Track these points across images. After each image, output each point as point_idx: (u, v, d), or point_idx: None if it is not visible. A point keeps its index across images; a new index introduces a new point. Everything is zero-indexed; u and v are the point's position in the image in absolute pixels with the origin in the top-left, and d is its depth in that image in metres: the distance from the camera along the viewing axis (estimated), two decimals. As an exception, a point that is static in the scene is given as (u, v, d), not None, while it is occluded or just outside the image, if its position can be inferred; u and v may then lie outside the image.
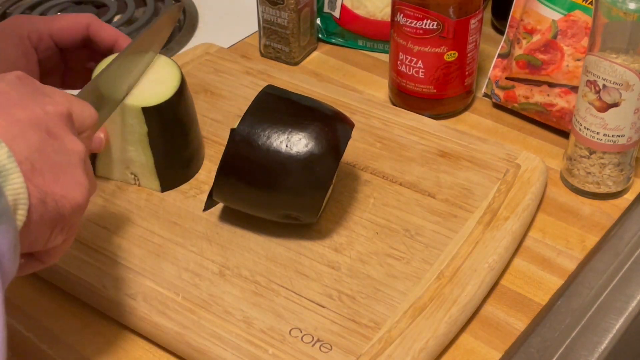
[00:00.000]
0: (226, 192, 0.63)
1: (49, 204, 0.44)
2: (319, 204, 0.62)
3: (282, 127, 0.61)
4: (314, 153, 0.60)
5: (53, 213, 0.44)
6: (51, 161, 0.45)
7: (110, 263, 0.63)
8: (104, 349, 0.59)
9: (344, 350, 0.56)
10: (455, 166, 0.72)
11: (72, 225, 0.47)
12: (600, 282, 0.65)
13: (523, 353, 0.60)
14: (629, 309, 0.63)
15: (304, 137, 0.61)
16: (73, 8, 1.04)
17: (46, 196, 0.44)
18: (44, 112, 0.46)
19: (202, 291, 0.60)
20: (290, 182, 0.61)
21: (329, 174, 0.61)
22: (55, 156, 0.45)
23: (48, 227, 0.45)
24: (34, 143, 0.44)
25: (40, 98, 0.47)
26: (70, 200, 0.46)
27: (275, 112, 0.62)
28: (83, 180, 0.47)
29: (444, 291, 0.60)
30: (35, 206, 0.43)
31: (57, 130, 0.46)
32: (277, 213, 0.63)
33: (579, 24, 0.74)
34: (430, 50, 0.77)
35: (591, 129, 0.68)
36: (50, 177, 0.44)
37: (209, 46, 0.90)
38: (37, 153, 0.44)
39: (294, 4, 0.86)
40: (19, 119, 0.44)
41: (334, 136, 0.62)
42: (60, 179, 0.45)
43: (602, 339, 0.61)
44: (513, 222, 0.65)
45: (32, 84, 0.48)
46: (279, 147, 0.60)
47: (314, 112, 0.63)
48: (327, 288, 0.61)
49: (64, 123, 0.47)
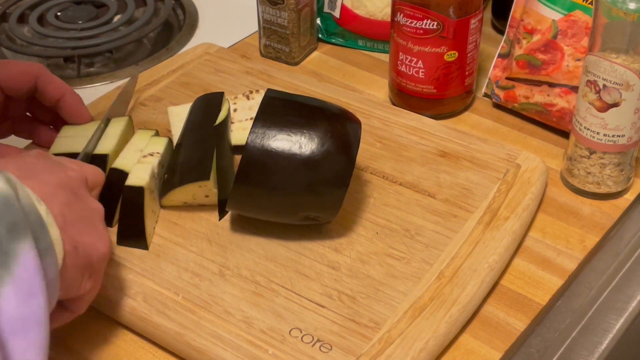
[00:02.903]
0: (243, 202, 0.62)
1: (80, 252, 0.50)
2: (339, 202, 0.62)
3: (294, 130, 0.60)
4: (330, 151, 0.60)
5: (83, 260, 0.51)
6: (79, 216, 0.51)
7: (110, 263, 0.63)
8: (104, 349, 0.59)
9: (344, 350, 0.56)
10: (455, 166, 0.72)
11: (98, 272, 0.54)
12: (600, 282, 0.65)
13: (523, 353, 0.60)
14: (629, 309, 0.63)
15: (317, 137, 0.60)
16: (73, 8, 1.04)
17: (77, 244, 0.50)
18: (67, 177, 0.53)
19: (202, 291, 0.60)
20: (311, 183, 0.60)
21: (348, 170, 0.61)
22: (81, 212, 0.52)
23: (80, 272, 0.51)
24: (63, 201, 0.51)
25: (60, 165, 0.54)
26: (97, 250, 0.52)
27: (284, 116, 0.61)
28: (105, 234, 0.54)
29: (444, 291, 0.60)
30: (69, 253, 0.49)
31: (79, 192, 0.53)
32: (296, 216, 0.62)
33: (579, 24, 0.74)
34: (430, 50, 0.77)
35: (591, 129, 0.68)
36: (79, 228, 0.51)
37: (209, 46, 0.90)
38: (67, 208, 0.50)
39: (294, 4, 0.86)
40: (49, 181, 0.51)
41: (346, 132, 0.62)
42: (87, 231, 0.52)
43: (602, 339, 0.61)
44: (513, 222, 0.65)
45: (50, 157, 0.55)
46: (295, 150, 0.60)
47: (323, 111, 0.63)
48: (327, 288, 0.61)
49: (83, 185, 0.55)
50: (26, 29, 1.02)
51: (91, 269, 0.52)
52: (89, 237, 0.52)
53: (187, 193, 0.66)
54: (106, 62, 0.96)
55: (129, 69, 0.92)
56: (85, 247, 0.51)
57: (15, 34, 0.99)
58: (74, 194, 0.52)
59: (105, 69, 0.95)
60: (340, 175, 0.61)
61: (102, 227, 0.54)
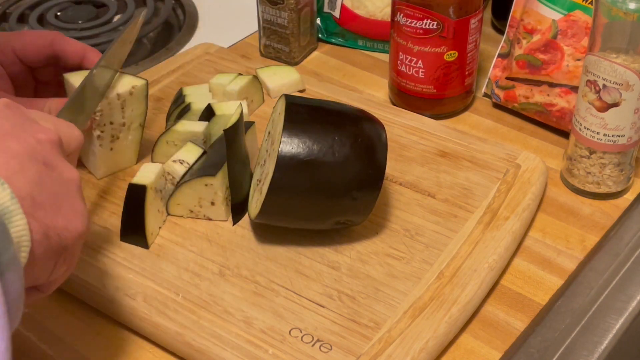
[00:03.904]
0: (275, 213, 0.61)
1: (52, 238, 0.44)
2: (372, 204, 0.62)
3: (325, 136, 0.60)
4: (362, 155, 0.60)
5: (56, 246, 0.44)
6: (51, 193, 0.45)
7: (110, 263, 0.63)
8: (104, 349, 0.59)
9: (344, 350, 0.56)
10: (455, 166, 0.72)
11: (73, 253, 0.47)
12: (600, 282, 0.65)
13: (523, 353, 0.60)
14: (629, 309, 0.63)
15: (349, 142, 0.60)
16: (73, 8, 1.04)
17: (49, 229, 0.44)
18: (37, 142, 0.45)
19: (202, 291, 0.60)
20: (347, 189, 0.60)
21: (380, 172, 0.61)
22: (54, 187, 0.45)
23: (52, 259, 0.45)
24: (33, 176, 0.43)
25: (30, 126, 0.46)
26: (72, 231, 0.46)
27: (311, 123, 0.60)
28: (82, 208, 0.47)
29: (444, 291, 0.60)
30: (39, 241, 0.43)
31: (52, 159, 0.46)
32: (329, 222, 0.62)
33: (579, 23, 0.74)
34: (430, 50, 0.77)
35: (591, 128, 0.68)
36: (51, 209, 0.44)
37: (209, 46, 0.90)
38: (37, 187, 0.43)
39: (294, 4, 0.86)
40: (16, 152, 0.43)
41: (373, 135, 0.62)
42: (61, 210, 0.45)
43: (602, 339, 0.61)
44: (513, 222, 0.65)
45: (19, 110, 0.47)
46: (328, 157, 0.59)
47: (348, 115, 0.62)
48: (327, 288, 0.61)
49: (56, 150, 0.47)
50: (26, 29, 1.02)
51: (65, 254, 0.46)
52: (62, 218, 0.45)
53: (193, 196, 0.66)
54: (106, 62, 0.96)
55: (129, 69, 0.92)
56: (58, 231, 0.44)
57: (15, 34, 0.99)
58: (46, 164, 0.45)
59: (105, 69, 0.95)
60: (373, 178, 0.61)
61: (78, 201, 0.47)
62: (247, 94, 0.78)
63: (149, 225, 0.64)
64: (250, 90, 0.79)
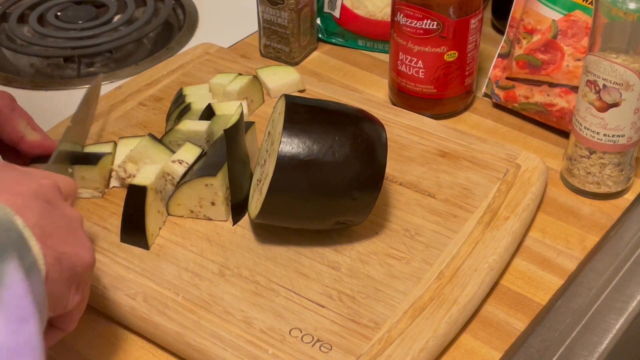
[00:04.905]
0: (275, 213, 0.61)
1: (64, 263, 0.47)
2: (372, 204, 0.62)
3: (324, 136, 0.60)
4: (362, 155, 0.60)
5: (68, 271, 0.47)
6: (57, 225, 0.48)
7: (110, 263, 0.63)
8: (104, 349, 0.59)
9: (344, 350, 0.56)
10: (455, 166, 0.72)
11: (85, 284, 0.51)
12: (600, 282, 0.65)
13: (523, 353, 0.60)
14: (629, 309, 0.63)
15: (349, 142, 0.60)
16: (73, 8, 1.04)
17: (60, 255, 0.47)
18: (39, 185, 0.49)
19: (202, 291, 0.60)
20: (347, 189, 0.60)
21: (380, 172, 0.61)
22: (59, 221, 0.48)
23: (66, 285, 0.48)
24: (38, 211, 0.47)
25: (30, 174, 0.50)
26: (81, 259, 0.49)
27: (311, 123, 0.61)
28: (87, 242, 0.51)
29: (444, 291, 0.60)
30: (52, 265, 0.45)
31: (54, 200, 0.49)
32: (329, 222, 0.62)
33: (579, 23, 0.74)
34: (430, 50, 0.77)
35: (591, 129, 0.68)
36: (59, 239, 0.47)
37: (209, 46, 0.90)
38: (43, 219, 0.46)
39: (294, 4, 0.86)
40: (20, 192, 0.47)
41: (373, 135, 0.62)
42: (68, 241, 0.48)
43: (602, 339, 0.61)
44: (513, 222, 0.65)
45: (17, 168, 0.51)
46: (328, 157, 0.59)
47: (348, 115, 0.62)
48: (327, 288, 0.61)
49: (57, 193, 0.50)
50: (26, 29, 1.02)
51: (77, 281, 0.49)
52: (70, 247, 0.48)
53: (193, 196, 0.66)
54: (106, 62, 0.96)
55: (129, 69, 0.92)
56: (68, 258, 0.48)
57: (15, 34, 0.99)
58: (49, 202, 0.49)
59: (105, 69, 0.95)
60: (373, 178, 0.61)
61: (83, 235, 0.51)
62: (247, 94, 0.78)
63: (149, 226, 0.64)
64: (250, 90, 0.79)
